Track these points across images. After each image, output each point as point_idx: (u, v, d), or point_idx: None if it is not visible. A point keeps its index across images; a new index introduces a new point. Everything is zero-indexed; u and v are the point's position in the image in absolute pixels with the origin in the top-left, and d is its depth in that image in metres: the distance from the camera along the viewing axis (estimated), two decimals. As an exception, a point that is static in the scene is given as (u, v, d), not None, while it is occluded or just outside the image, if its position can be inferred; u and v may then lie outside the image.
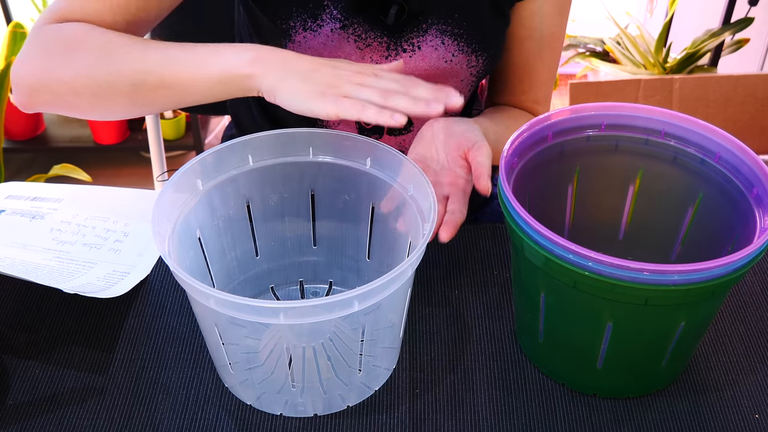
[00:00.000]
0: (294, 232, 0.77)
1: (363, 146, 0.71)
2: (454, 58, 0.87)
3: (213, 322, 0.62)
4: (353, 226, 0.76)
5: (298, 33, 0.84)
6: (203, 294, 0.57)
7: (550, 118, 0.73)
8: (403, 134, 0.95)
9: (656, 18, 2.48)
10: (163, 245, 0.61)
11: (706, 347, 0.75)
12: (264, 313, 0.57)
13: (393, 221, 0.71)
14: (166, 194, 0.65)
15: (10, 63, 1.79)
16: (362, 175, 0.72)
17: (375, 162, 0.71)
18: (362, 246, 0.76)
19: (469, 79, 0.91)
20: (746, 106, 1.95)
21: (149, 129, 1.34)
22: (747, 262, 0.60)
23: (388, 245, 0.74)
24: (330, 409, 0.67)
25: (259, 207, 0.74)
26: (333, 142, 0.72)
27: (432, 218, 0.63)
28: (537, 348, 0.72)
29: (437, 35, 0.86)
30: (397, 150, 0.69)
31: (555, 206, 0.79)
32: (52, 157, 2.27)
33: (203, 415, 0.68)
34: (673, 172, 0.75)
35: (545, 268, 0.63)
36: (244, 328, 0.62)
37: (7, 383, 0.71)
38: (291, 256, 0.78)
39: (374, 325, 0.63)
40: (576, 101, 1.92)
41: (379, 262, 0.76)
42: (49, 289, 0.74)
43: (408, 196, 0.69)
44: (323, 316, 0.57)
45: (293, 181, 0.74)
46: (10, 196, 0.92)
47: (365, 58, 0.86)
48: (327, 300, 0.56)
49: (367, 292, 0.56)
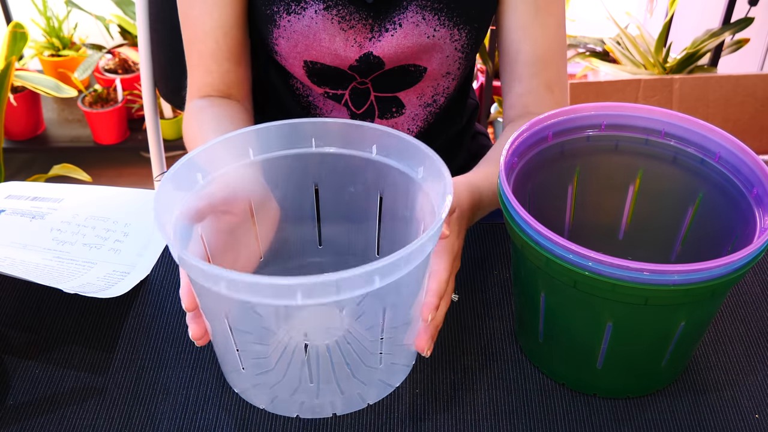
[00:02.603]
0: (298, 233, 0.74)
1: (369, 133, 0.68)
2: (436, 32, 0.86)
3: (223, 314, 0.59)
4: (360, 222, 0.72)
5: (282, 17, 0.85)
6: (213, 277, 0.53)
7: (550, 118, 0.73)
8: (395, 117, 0.95)
9: (656, 18, 2.48)
10: (168, 234, 0.57)
11: (706, 347, 0.75)
12: (281, 293, 0.52)
13: (403, 210, 0.69)
14: (165, 189, 0.62)
15: (10, 63, 1.78)
16: (368, 164, 0.69)
17: (381, 149, 0.68)
18: (371, 242, 0.73)
19: (455, 54, 0.90)
20: (746, 106, 1.95)
21: (149, 129, 1.34)
22: (747, 262, 0.60)
23: (399, 238, 0.70)
24: (349, 409, 0.65)
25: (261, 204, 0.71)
26: (337, 131, 0.69)
27: (449, 194, 0.60)
28: (537, 348, 0.72)
29: (417, 11, 0.85)
30: (402, 133, 0.67)
31: (555, 206, 0.79)
32: (52, 157, 2.27)
33: (203, 415, 0.68)
34: (673, 172, 0.75)
35: (545, 268, 0.63)
36: (258, 316, 0.59)
37: (7, 383, 0.71)
38: (296, 258, 0.75)
39: (392, 321, 0.61)
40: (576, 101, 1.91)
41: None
42: (49, 289, 0.74)
43: (419, 180, 0.66)
44: (344, 294, 0.53)
45: (296, 174, 0.70)
46: (10, 196, 0.92)
47: (349, 40, 0.86)
48: (347, 274, 0.51)
49: (388, 264, 0.53)
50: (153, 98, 1.28)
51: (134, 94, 2.33)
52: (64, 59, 2.34)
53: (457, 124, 1.05)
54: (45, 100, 2.41)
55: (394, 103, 0.93)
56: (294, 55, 0.87)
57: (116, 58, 2.38)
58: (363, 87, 0.91)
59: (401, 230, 0.70)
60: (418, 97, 0.94)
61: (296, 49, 0.87)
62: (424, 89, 0.93)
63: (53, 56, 2.36)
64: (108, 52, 2.33)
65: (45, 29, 2.32)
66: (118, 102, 2.29)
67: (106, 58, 2.38)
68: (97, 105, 2.29)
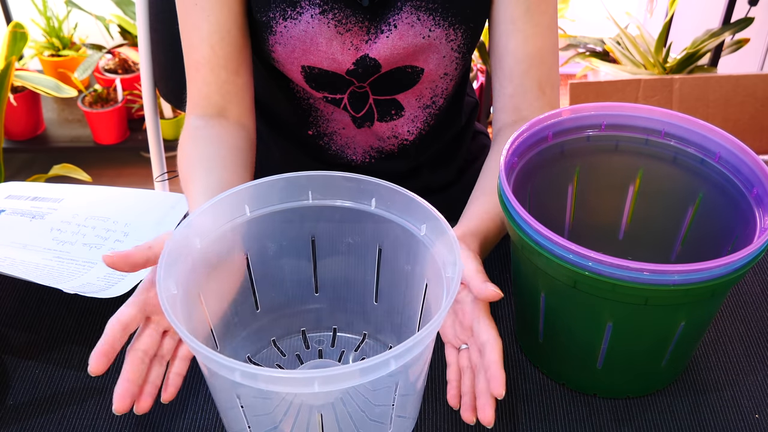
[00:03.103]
0: (295, 281, 0.73)
1: (366, 186, 0.66)
2: (432, 33, 0.86)
3: (235, 395, 0.58)
4: (358, 270, 0.71)
5: (279, 23, 0.84)
6: (228, 368, 0.52)
7: (550, 118, 0.73)
8: (394, 119, 0.95)
9: (656, 18, 2.48)
10: (176, 319, 0.56)
11: (706, 347, 0.75)
12: (298, 384, 0.53)
13: (404, 263, 0.68)
14: (167, 255, 0.60)
15: (10, 63, 1.79)
16: (367, 217, 0.68)
17: (380, 202, 0.67)
18: (369, 289, 0.72)
19: (451, 55, 0.89)
20: (746, 106, 1.95)
21: (149, 129, 1.34)
22: (747, 262, 0.60)
23: (400, 287, 0.69)
24: None
25: (258, 258, 0.70)
26: (333, 184, 0.68)
27: (456, 250, 0.59)
28: (537, 348, 0.72)
29: (412, 11, 0.85)
30: (403, 188, 0.65)
31: (555, 206, 0.79)
32: (52, 157, 2.27)
33: (203, 415, 0.68)
34: (673, 172, 0.75)
35: (545, 268, 0.63)
36: (269, 400, 0.59)
37: (7, 383, 0.71)
38: (292, 306, 0.74)
39: (403, 390, 0.60)
40: (576, 101, 1.92)
41: (389, 305, 0.71)
42: (49, 289, 0.74)
43: (421, 237, 0.64)
44: (361, 378, 0.53)
45: (293, 227, 0.69)
46: (10, 196, 0.92)
47: (345, 43, 0.85)
48: (365, 364, 0.52)
49: (403, 352, 0.52)
50: (153, 98, 1.28)
51: (134, 94, 2.33)
52: (64, 59, 2.34)
53: (457, 125, 1.05)
54: (45, 100, 2.41)
55: (393, 106, 0.93)
56: (291, 60, 0.87)
57: (116, 58, 2.38)
58: (361, 91, 0.91)
59: (401, 282, 0.69)
60: (417, 99, 0.93)
61: (293, 54, 0.86)
62: (422, 91, 0.93)
63: (53, 56, 2.36)
64: (108, 52, 2.33)
65: (45, 29, 2.32)
66: (118, 102, 2.29)
67: (106, 58, 2.38)
68: (97, 105, 2.29)
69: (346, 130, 0.96)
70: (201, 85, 0.87)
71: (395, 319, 0.71)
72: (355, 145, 0.98)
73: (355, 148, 0.98)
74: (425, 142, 0.99)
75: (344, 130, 0.96)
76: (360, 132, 0.96)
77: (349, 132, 0.97)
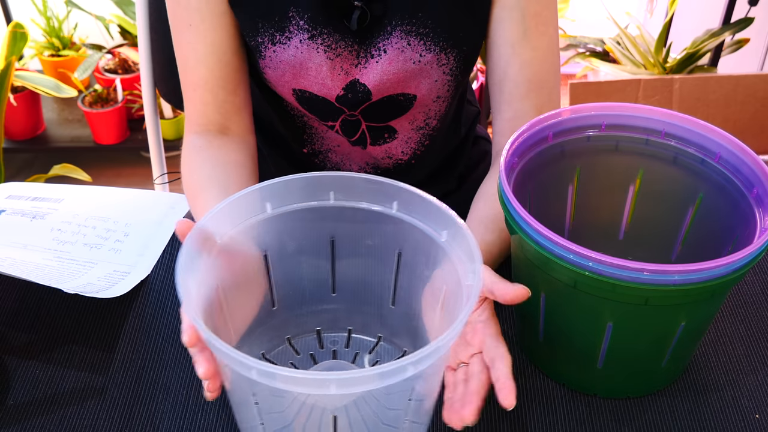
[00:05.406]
0: (313, 280, 0.73)
1: (388, 189, 0.66)
2: (422, 58, 0.84)
3: (250, 393, 0.58)
4: (377, 272, 0.71)
5: (267, 48, 0.83)
6: (245, 366, 0.52)
7: (550, 118, 0.73)
8: (388, 142, 0.94)
9: (656, 18, 2.48)
10: (197, 315, 0.56)
11: (706, 347, 0.75)
12: (315, 385, 0.53)
13: (423, 268, 0.67)
14: (187, 252, 0.60)
15: (10, 63, 1.79)
16: (388, 220, 0.67)
17: (402, 205, 0.66)
18: (386, 292, 0.71)
19: (444, 78, 0.87)
20: (746, 106, 1.95)
21: (149, 129, 1.34)
22: (747, 262, 0.60)
23: (418, 291, 0.69)
24: None
25: (277, 255, 0.70)
26: (355, 185, 0.67)
27: (477, 258, 0.58)
28: (537, 348, 0.72)
29: (402, 36, 0.83)
30: (425, 193, 0.65)
31: (555, 206, 0.79)
32: (52, 157, 2.27)
33: (203, 415, 0.68)
34: (673, 172, 0.75)
35: (545, 268, 0.63)
36: (282, 399, 0.58)
37: (7, 383, 0.71)
38: (309, 305, 0.73)
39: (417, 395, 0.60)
40: (576, 101, 1.92)
41: (407, 309, 0.70)
42: (49, 289, 0.74)
43: (442, 243, 0.64)
44: (378, 383, 0.53)
45: (313, 226, 0.69)
46: (11, 196, 0.92)
47: (336, 68, 0.84)
48: (383, 368, 0.52)
49: (422, 358, 0.52)
50: (153, 98, 1.28)
51: (134, 94, 2.33)
52: (64, 59, 2.34)
53: (456, 138, 1.04)
54: (45, 100, 2.41)
55: (386, 131, 0.92)
56: (282, 83, 0.86)
57: (116, 58, 2.38)
58: (353, 119, 0.90)
59: (418, 286, 0.69)
60: (410, 122, 0.92)
61: (284, 78, 0.86)
62: (415, 115, 0.91)
63: (53, 56, 2.36)
64: (108, 52, 2.33)
65: (45, 29, 2.32)
66: (118, 102, 2.29)
67: (106, 58, 2.38)
68: (97, 105, 2.29)
69: (341, 147, 0.96)
70: (199, 105, 0.87)
71: (411, 324, 0.70)
72: (350, 162, 0.98)
73: (350, 165, 0.98)
74: (422, 159, 0.98)
75: (339, 148, 0.96)
76: (354, 149, 0.96)
77: (344, 149, 0.96)
